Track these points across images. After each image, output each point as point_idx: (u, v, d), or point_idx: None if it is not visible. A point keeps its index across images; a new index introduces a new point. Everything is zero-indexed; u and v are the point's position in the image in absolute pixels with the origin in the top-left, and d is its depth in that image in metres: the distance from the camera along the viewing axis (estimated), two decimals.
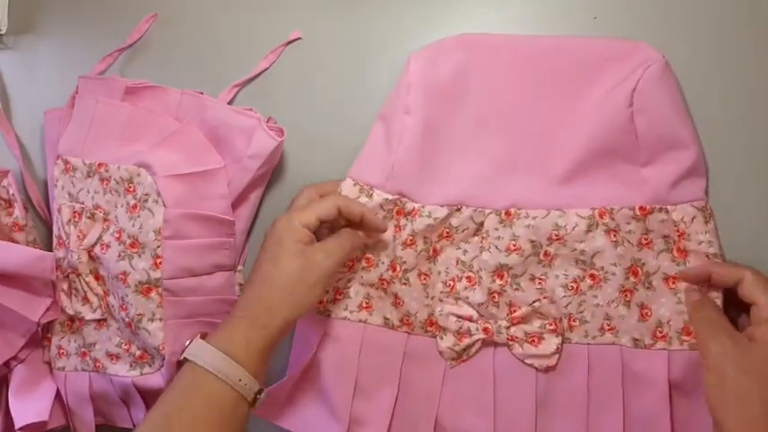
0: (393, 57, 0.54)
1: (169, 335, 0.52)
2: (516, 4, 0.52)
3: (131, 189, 0.52)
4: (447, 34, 0.53)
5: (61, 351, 0.58)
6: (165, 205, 0.50)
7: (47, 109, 0.59)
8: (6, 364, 0.57)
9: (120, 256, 0.52)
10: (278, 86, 0.57)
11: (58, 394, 0.58)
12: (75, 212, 0.55)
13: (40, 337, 0.59)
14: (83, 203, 0.55)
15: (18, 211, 0.59)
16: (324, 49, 0.56)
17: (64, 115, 0.57)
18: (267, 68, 0.57)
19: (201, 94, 0.55)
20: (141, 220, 0.51)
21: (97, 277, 0.55)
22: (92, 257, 0.54)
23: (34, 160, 0.62)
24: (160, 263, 0.51)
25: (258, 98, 0.57)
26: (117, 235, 0.53)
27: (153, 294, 0.51)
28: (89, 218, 0.54)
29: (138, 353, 0.55)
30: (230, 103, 0.57)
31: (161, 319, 0.52)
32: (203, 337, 0.45)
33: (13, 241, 0.58)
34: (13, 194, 0.59)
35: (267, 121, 0.55)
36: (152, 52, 0.60)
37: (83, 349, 0.57)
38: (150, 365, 0.55)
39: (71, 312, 0.56)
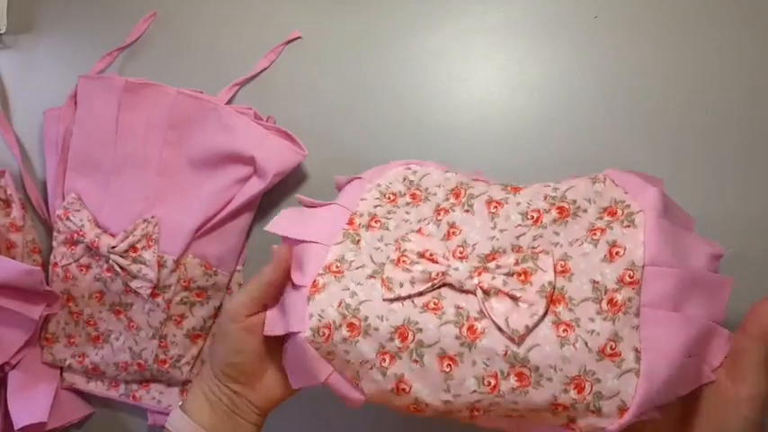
0: (393, 56, 0.54)
1: None
2: (517, 4, 0.52)
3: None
4: (447, 33, 0.53)
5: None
6: None
7: (46, 108, 0.59)
8: (0, 368, 0.57)
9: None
10: (278, 86, 0.56)
11: (57, 395, 0.58)
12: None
13: (36, 338, 0.59)
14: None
15: (15, 211, 0.59)
16: (324, 48, 0.56)
17: (63, 115, 0.57)
18: (267, 67, 0.56)
19: (201, 93, 0.55)
20: None
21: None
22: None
23: (33, 160, 0.62)
24: None
25: (258, 97, 0.56)
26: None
27: None
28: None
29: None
30: (230, 101, 0.56)
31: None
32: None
33: (9, 242, 0.58)
34: (10, 194, 0.59)
35: (267, 120, 0.55)
36: (151, 51, 0.60)
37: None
38: None
39: None
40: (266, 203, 0.56)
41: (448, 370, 0.36)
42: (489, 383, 0.36)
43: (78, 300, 0.57)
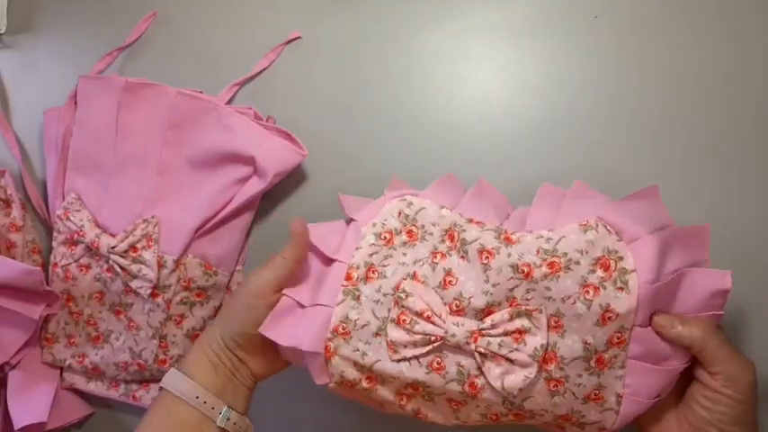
0: (392, 56, 0.54)
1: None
2: (517, 4, 0.52)
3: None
4: (447, 33, 0.53)
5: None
6: None
7: (46, 108, 0.59)
8: (0, 368, 0.57)
9: None
10: (278, 86, 0.56)
11: (57, 395, 0.58)
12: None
13: (36, 338, 0.59)
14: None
15: (15, 211, 0.59)
16: (323, 48, 0.56)
17: (63, 115, 0.57)
18: (267, 67, 0.56)
19: (201, 93, 0.55)
20: None
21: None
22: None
23: (33, 160, 0.62)
24: None
25: (258, 97, 0.56)
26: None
27: None
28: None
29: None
30: (230, 101, 0.56)
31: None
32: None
33: (9, 242, 0.58)
34: (10, 194, 0.59)
35: (267, 120, 0.55)
36: (151, 51, 0.60)
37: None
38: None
39: None
40: (266, 203, 0.56)
41: (456, 408, 0.43)
42: (492, 418, 0.43)
43: (78, 300, 0.57)
